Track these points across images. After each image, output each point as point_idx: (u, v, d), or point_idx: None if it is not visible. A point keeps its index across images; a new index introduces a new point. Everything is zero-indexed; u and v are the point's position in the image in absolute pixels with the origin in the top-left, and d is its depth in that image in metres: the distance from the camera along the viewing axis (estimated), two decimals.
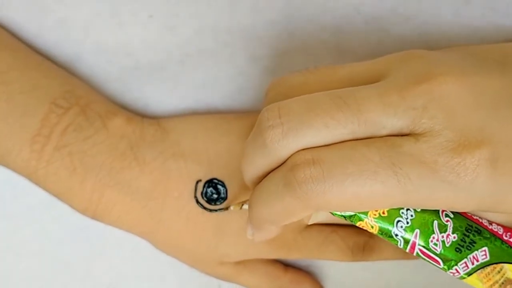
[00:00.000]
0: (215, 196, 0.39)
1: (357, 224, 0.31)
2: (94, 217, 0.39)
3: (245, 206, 0.36)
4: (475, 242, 0.32)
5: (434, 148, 0.29)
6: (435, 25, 0.39)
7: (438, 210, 0.31)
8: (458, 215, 0.32)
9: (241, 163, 0.32)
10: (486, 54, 0.33)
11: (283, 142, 0.30)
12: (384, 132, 0.29)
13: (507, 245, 0.32)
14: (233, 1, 0.40)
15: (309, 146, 0.30)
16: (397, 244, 0.31)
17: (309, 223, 0.33)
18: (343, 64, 0.34)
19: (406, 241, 0.31)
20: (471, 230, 0.32)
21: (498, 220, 0.33)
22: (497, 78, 0.31)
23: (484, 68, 0.31)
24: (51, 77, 0.39)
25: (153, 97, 0.42)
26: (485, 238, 0.32)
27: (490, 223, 0.33)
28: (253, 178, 0.32)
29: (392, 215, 0.31)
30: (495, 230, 0.32)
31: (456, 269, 0.31)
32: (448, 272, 0.32)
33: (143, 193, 0.38)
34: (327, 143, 0.29)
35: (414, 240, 0.31)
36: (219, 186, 0.39)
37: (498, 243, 0.32)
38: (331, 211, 0.30)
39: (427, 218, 0.31)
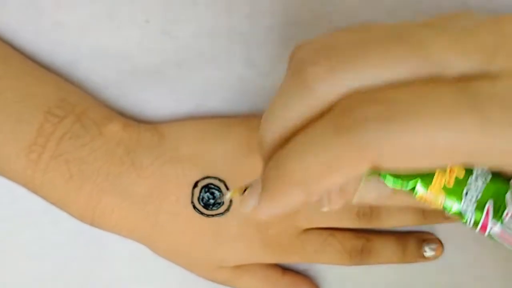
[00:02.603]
0: (211, 201, 0.39)
1: (417, 197, 0.26)
2: (92, 223, 0.39)
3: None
4: None
5: None
6: None
7: (508, 181, 0.27)
8: None
9: (268, 113, 0.26)
10: None
11: (331, 81, 0.24)
12: (453, 73, 0.24)
13: None
14: (230, 5, 0.40)
15: (362, 88, 0.24)
16: (465, 222, 0.26)
17: (354, 201, 0.27)
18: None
19: (477, 219, 0.26)
20: None
21: None
22: None
23: None
24: (46, 85, 0.39)
25: (150, 101, 0.42)
26: None
27: None
28: (283, 130, 0.25)
29: (460, 185, 0.26)
30: None
31: None
32: None
33: (141, 198, 0.38)
34: (385, 83, 0.24)
35: (486, 217, 0.26)
36: (215, 191, 0.39)
37: None
38: (391, 165, 0.24)
39: (499, 188, 0.26)
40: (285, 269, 0.42)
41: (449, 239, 0.41)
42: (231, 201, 0.39)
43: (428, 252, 0.41)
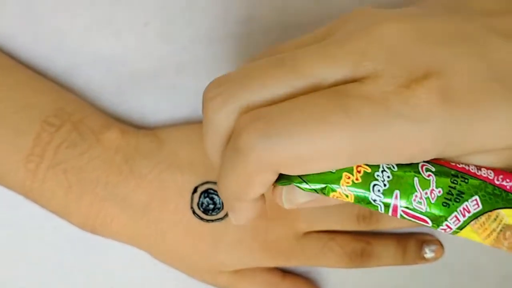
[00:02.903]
0: (211, 206, 0.39)
1: (331, 196, 0.28)
2: (93, 231, 0.39)
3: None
4: (463, 193, 0.29)
5: (381, 86, 0.27)
6: None
7: (417, 166, 0.29)
8: (441, 167, 0.29)
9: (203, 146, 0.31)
10: (434, 2, 0.32)
11: (224, 110, 0.28)
12: (327, 83, 0.28)
13: (500, 189, 0.30)
14: (228, 9, 0.40)
15: (249, 108, 0.28)
16: (377, 210, 0.29)
17: (286, 207, 0.30)
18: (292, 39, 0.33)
19: (387, 205, 0.29)
20: (457, 181, 0.29)
21: (488, 162, 0.30)
22: (440, 17, 0.29)
23: (431, 11, 0.30)
24: (43, 94, 0.39)
25: (148, 105, 0.42)
26: (474, 186, 0.29)
27: (479, 168, 0.30)
28: (214, 158, 0.30)
29: (367, 179, 0.28)
30: (485, 175, 0.30)
31: (446, 225, 0.29)
32: (438, 229, 0.29)
33: (140, 206, 0.38)
34: (268, 102, 0.28)
35: (395, 202, 0.29)
36: (215, 196, 0.39)
37: (489, 189, 0.29)
38: (288, 171, 0.27)
39: (406, 176, 0.29)
40: (285, 273, 0.42)
41: (449, 240, 0.41)
42: None
43: (429, 253, 0.41)
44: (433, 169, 0.29)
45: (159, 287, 0.43)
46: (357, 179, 0.28)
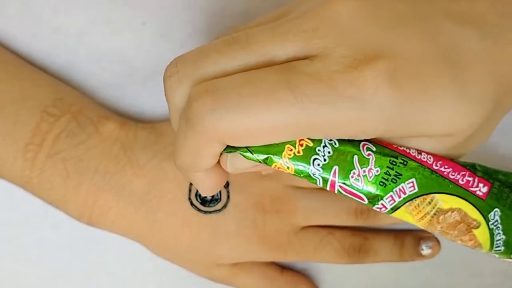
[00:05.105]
0: (209, 197, 0.39)
1: (273, 167, 0.29)
2: (89, 222, 0.39)
3: None
4: (401, 174, 0.30)
5: (329, 65, 0.27)
6: None
7: (359, 145, 0.30)
8: (382, 148, 0.30)
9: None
10: None
11: (180, 88, 0.29)
12: (279, 60, 0.28)
13: (437, 174, 0.30)
14: (225, 6, 0.41)
15: (201, 80, 0.29)
16: (316, 183, 0.29)
17: (229, 170, 0.31)
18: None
19: (325, 180, 0.29)
20: (395, 163, 0.30)
21: (429, 148, 0.30)
22: None
23: None
24: (42, 86, 0.40)
25: (147, 103, 0.42)
26: (412, 169, 0.30)
27: (419, 152, 0.30)
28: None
29: (308, 153, 0.29)
30: (424, 159, 0.30)
31: (382, 204, 0.30)
32: (374, 207, 0.30)
33: (138, 196, 0.38)
34: (220, 73, 0.28)
35: (333, 178, 0.29)
36: None
37: (427, 173, 0.30)
38: (235, 143, 0.28)
39: (347, 153, 0.29)
40: (283, 268, 0.42)
41: None
42: (228, 197, 0.39)
43: (425, 250, 0.41)
44: (374, 149, 0.30)
45: (158, 286, 0.43)
46: (298, 152, 0.29)
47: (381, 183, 0.30)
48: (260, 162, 0.29)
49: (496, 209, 0.31)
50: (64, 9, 0.41)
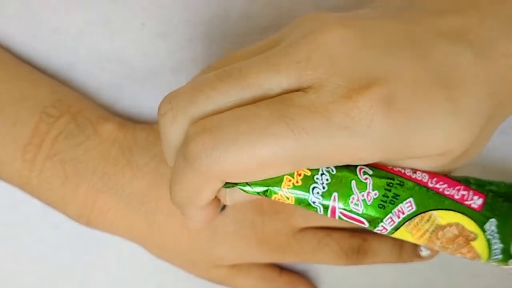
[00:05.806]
0: None
1: (273, 198, 0.30)
2: (88, 224, 0.39)
3: None
4: (398, 195, 0.30)
5: (324, 97, 0.27)
6: None
7: (355, 170, 0.30)
8: (378, 170, 0.30)
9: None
10: (387, 2, 0.31)
11: (175, 125, 0.29)
12: (273, 93, 0.28)
13: (433, 191, 0.31)
14: (225, 8, 0.41)
15: (197, 118, 0.29)
16: (317, 211, 0.30)
17: (228, 203, 0.31)
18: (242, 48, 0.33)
19: (326, 207, 0.30)
20: (392, 184, 0.30)
21: (423, 166, 0.31)
22: (389, 20, 0.29)
23: (377, 13, 0.30)
24: (41, 87, 0.40)
25: (146, 104, 0.42)
26: (409, 188, 0.30)
27: (414, 171, 0.31)
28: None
29: (307, 182, 0.29)
30: (419, 178, 0.31)
31: (382, 226, 0.30)
32: (375, 230, 0.30)
33: (137, 197, 0.39)
34: (216, 113, 0.28)
35: (333, 204, 0.30)
36: None
37: (423, 191, 0.30)
38: (234, 180, 0.28)
39: (344, 179, 0.30)
40: (282, 269, 0.42)
41: None
42: None
43: (424, 251, 0.41)
44: (370, 172, 0.30)
45: (158, 286, 0.43)
46: (297, 182, 0.29)
47: (380, 206, 0.30)
48: (259, 194, 0.30)
49: (492, 219, 0.32)
50: (64, 10, 0.41)
